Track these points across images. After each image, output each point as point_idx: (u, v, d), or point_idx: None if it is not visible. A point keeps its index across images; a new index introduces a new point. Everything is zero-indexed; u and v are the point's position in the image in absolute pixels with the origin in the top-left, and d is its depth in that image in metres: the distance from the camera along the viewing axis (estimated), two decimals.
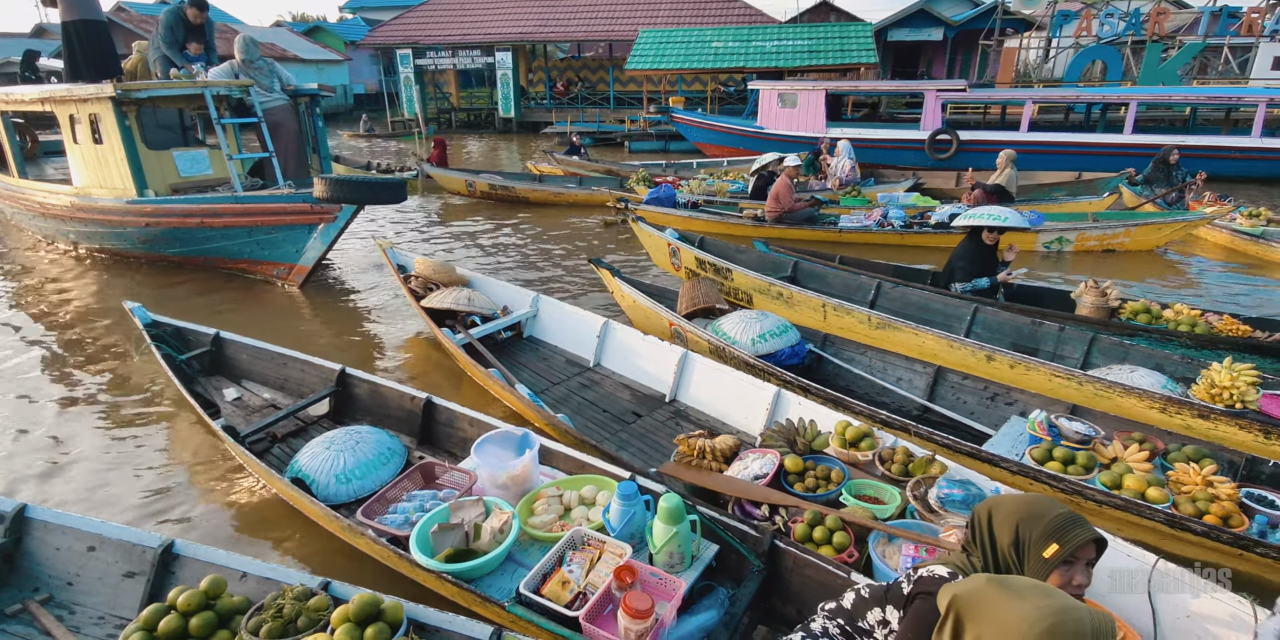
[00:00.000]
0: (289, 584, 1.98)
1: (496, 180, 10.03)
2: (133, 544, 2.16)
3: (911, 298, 4.67)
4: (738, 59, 16.49)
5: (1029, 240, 6.93)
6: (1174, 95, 12.83)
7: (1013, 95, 13.69)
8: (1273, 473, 2.65)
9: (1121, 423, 3.03)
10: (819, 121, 12.98)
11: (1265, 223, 7.00)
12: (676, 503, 2.14)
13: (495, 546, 2.25)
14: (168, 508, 3.04)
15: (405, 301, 5.77)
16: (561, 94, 23.07)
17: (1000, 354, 3.59)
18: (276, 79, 6.72)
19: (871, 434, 2.76)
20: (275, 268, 6.14)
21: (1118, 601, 2.09)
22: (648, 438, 3.30)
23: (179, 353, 3.77)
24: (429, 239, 8.23)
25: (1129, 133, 11.59)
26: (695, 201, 8.12)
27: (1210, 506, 2.36)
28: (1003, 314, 4.25)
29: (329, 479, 2.81)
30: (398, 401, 3.22)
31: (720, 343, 3.73)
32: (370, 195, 5.43)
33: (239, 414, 3.46)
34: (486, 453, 2.61)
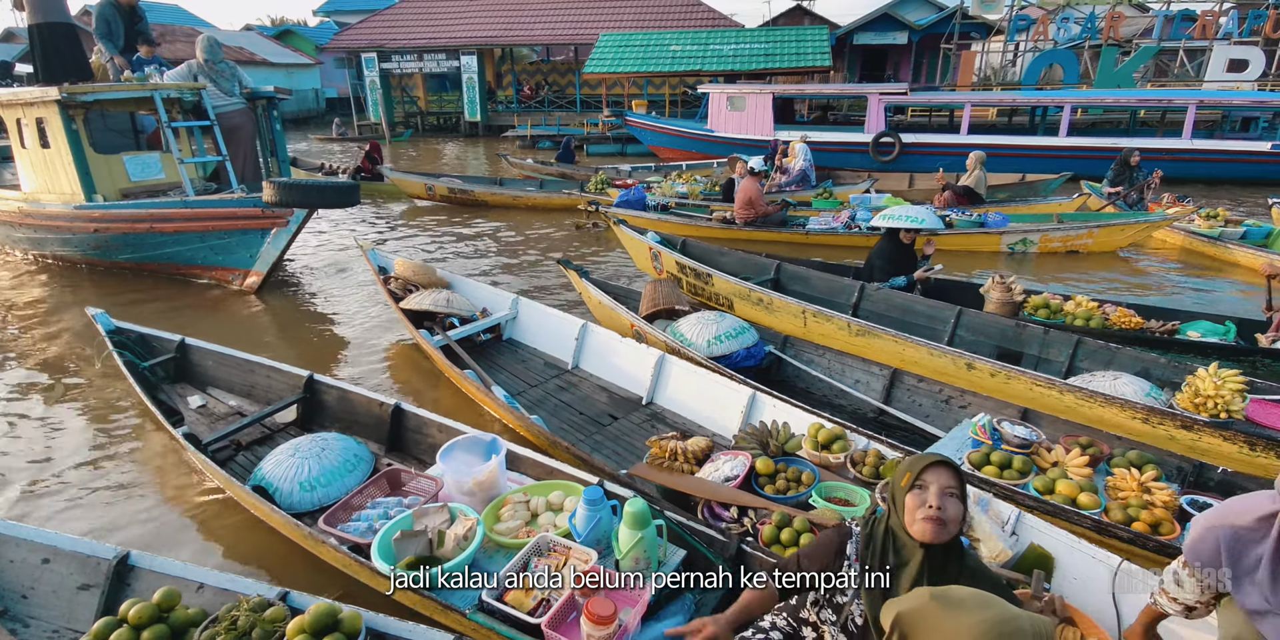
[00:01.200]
0: (246, 595, 1.94)
1: (456, 184, 10.00)
2: (87, 555, 2.11)
3: (895, 301, 4.63)
4: (695, 62, 16.58)
5: (994, 242, 7.01)
6: (1106, 98, 13.19)
7: (950, 98, 13.97)
8: (1221, 479, 2.63)
9: (1073, 427, 3.00)
10: (767, 124, 13.18)
11: (1224, 224, 7.07)
12: (642, 507, 2.12)
13: (458, 554, 2.21)
14: (128, 519, 2.97)
15: (382, 303, 5.73)
16: (529, 97, 23.07)
17: (980, 362, 3.53)
18: (237, 82, 6.65)
19: (844, 436, 2.75)
20: (230, 273, 6.06)
21: (1081, 602, 2.10)
22: (623, 440, 3.29)
23: (142, 360, 3.70)
24: (396, 241, 8.15)
25: (1064, 135, 11.89)
26: (665, 204, 8.14)
27: (1141, 513, 2.33)
28: (986, 317, 4.21)
29: (292, 487, 2.76)
30: (366, 408, 3.18)
31: (676, 344, 3.73)
32: (320, 199, 5.37)
33: (203, 422, 3.40)
34: (453, 459, 2.57)
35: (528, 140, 18.77)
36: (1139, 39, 18.22)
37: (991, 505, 2.33)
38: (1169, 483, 2.63)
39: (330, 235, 8.46)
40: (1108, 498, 2.51)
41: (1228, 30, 16.73)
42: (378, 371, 4.49)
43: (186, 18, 31.10)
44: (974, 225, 7.06)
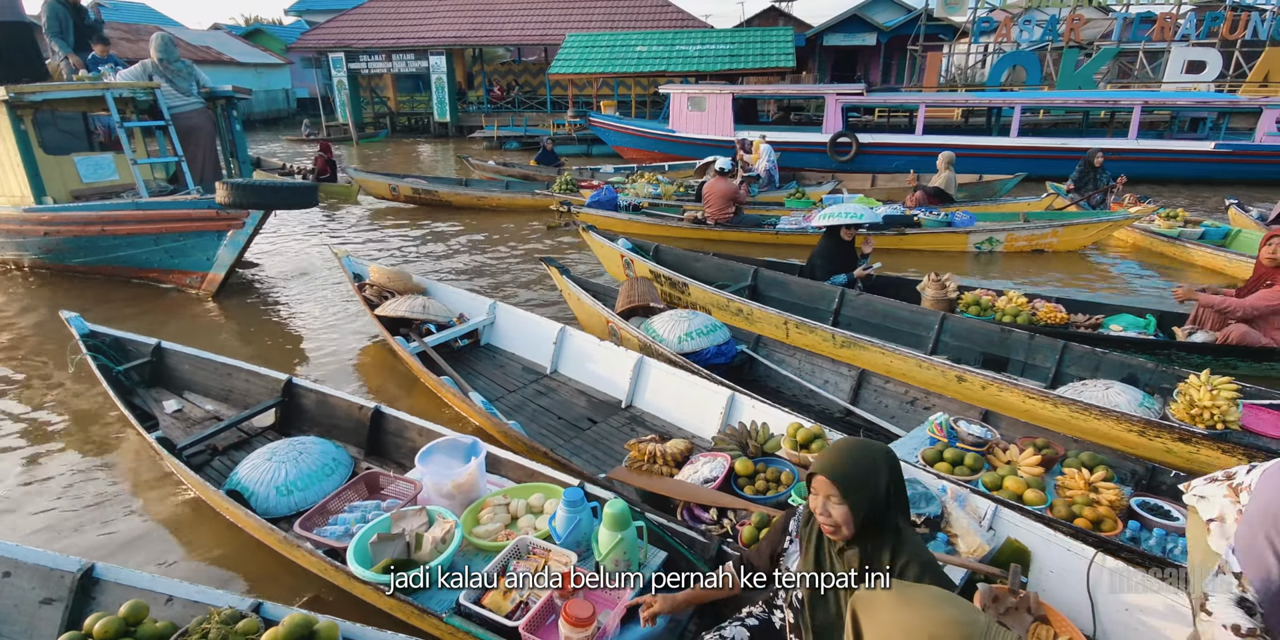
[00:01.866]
0: (218, 606, 1.89)
1: (420, 184, 9.92)
2: (50, 568, 2.03)
3: (877, 306, 4.54)
4: (660, 63, 16.66)
5: (961, 241, 7.08)
6: (1055, 99, 13.47)
7: (906, 99, 14.16)
8: (1173, 483, 2.65)
9: (1032, 429, 3.01)
10: (727, 124, 13.27)
11: (1183, 224, 7.11)
12: (622, 508, 2.11)
13: (436, 556, 2.19)
14: (99, 526, 2.90)
15: (355, 307, 5.67)
16: (499, 98, 22.91)
17: (971, 374, 3.42)
18: (195, 82, 6.50)
19: (822, 435, 2.76)
20: (187, 276, 5.91)
21: (1057, 595, 2.12)
22: (602, 444, 3.27)
23: (117, 364, 3.63)
24: (360, 245, 8.05)
25: (1014, 136, 12.12)
26: (637, 204, 8.12)
27: (1085, 510, 2.35)
28: (970, 322, 4.15)
29: (269, 491, 2.72)
30: (346, 411, 3.13)
31: (648, 340, 3.73)
32: (275, 200, 5.25)
33: (178, 426, 3.34)
34: (432, 461, 2.55)
35: (495, 141, 18.61)
36: (1100, 41, 18.58)
37: (969, 501, 2.34)
38: (1122, 484, 2.66)
39: (299, 238, 8.34)
40: (1056, 496, 2.53)
41: (1185, 32, 17.14)
42: (352, 377, 4.43)
43: (154, 17, 30.45)
44: (941, 224, 7.10)
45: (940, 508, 2.22)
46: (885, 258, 6.80)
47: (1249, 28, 16.58)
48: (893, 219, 7.11)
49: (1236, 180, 11.53)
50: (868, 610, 1.19)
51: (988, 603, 1.98)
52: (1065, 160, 11.35)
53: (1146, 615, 1.99)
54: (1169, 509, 2.44)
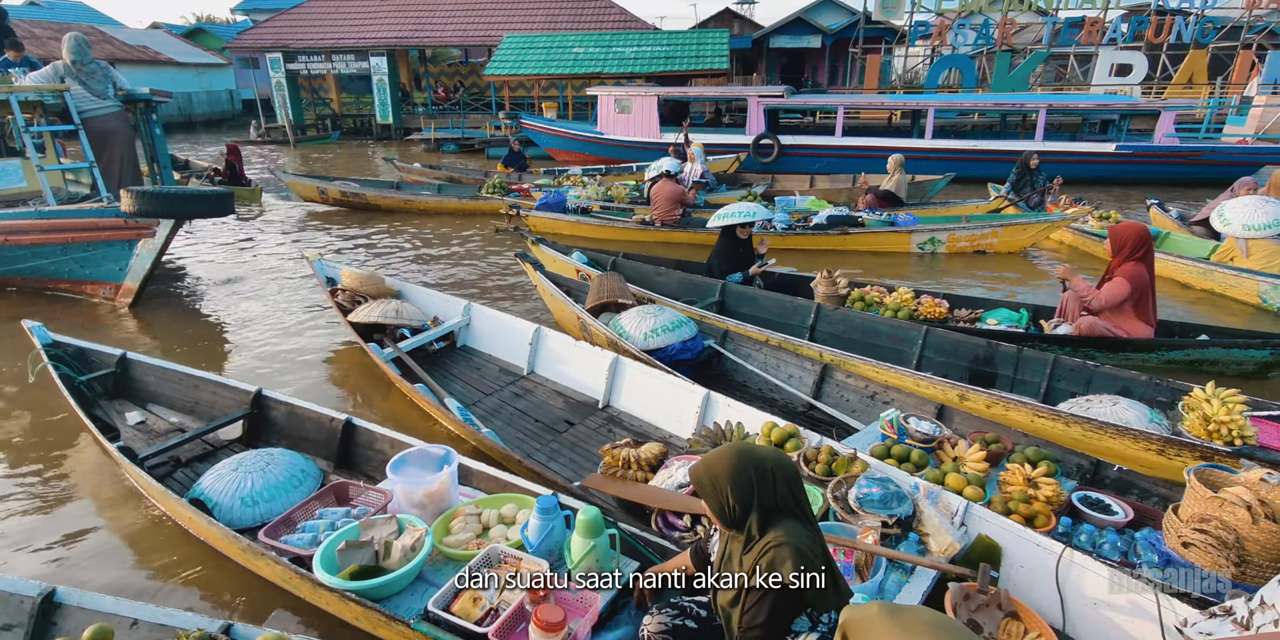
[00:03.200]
0: (186, 630, 1.82)
1: (349, 187, 9.75)
2: (9, 593, 1.94)
3: (855, 321, 4.35)
4: (596, 65, 16.58)
5: (904, 241, 7.12)
6: (965, 102, 13.79)
7: (825, 101, 14.18)
8: (1116, 477, 2.68)
9: (984, 424, 3.00)
10: (653, 126, 13.30)
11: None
12: (594, 516, 2.07)
13: (405, 564, 2.14)
14: (58, 544, 2.79)
15: (320, 308, 5.57)
16: (443, 99, 22.54)
17: (975, 393, 3.23)
18: (111, 84, 6.20)
19: (797, 434, 2.75)
20: (101, 287, 5.64)
21: (1027, 590, 2.13)
22: (579, 447, 3.23)
23: (79, 374, 3.52)
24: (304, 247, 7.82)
25: (928, 138, 12.29)
26: (586, 207, 8.06)
27: (1020, 506, 2.35)
28: (954, 336, 3.95)
29: (233, 501, 2.64)
30: (316, 423, 3.05)
31: (615, 337, 3.70)
32: (183, 208, 5.00)
33: (141, 438, 3.24)
34: (404, 471, 2.49)
35: (432, 143, 18.22)
36: (1032, 45, 19.00)
37: (941, 497, 2.34)
38: (1067, 479, 2.68)
39: (260, 242, 8.15)
40: (998, 491, 2.54)
41: (1113, 36, 17.59)
42: (326, 385, 4.32)
43: (92, 16, 29.28)
44: (884, 225, 7.12)
45: (911, 507, 2.21)
46: (830, 258, 6.86)
47: (1173, 31, 17.07)
48: (836, 219, 7.13)
49: (1137, 180, 11.82)
50: (859, 634, 1.16)
51: (959, 601, 1.98)
52: (978, 162, 11.63)
53: (1114, 611, 2.01)
54: (1109, 503, 2.46)
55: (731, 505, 1.51)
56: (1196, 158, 11.68)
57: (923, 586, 2.05)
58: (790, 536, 1.47)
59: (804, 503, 1.56)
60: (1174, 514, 2.19)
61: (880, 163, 11.76)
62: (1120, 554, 2.22)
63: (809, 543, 1.49)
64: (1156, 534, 2.25)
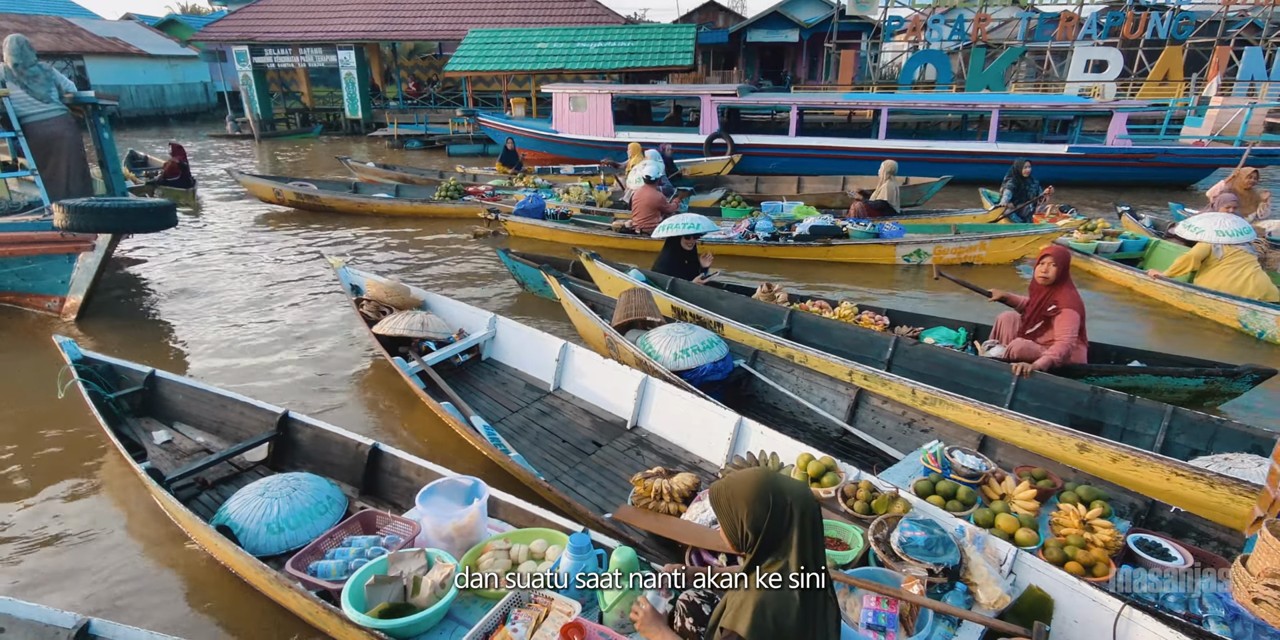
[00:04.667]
0: None
1: (305, 189, 9.53)
2: (45, 625, 1.92)
3: (939, 358, 3.87)
4: (559, 61, 16.19)
5: (889, 253, 6.82)
6: (919, 102, 13.39)
7: (778, 100, 13.75)
8: (1173, 519, 2.49)
9: (1029, 457, 2.80)
10: (607, 125, 12.99)
11: (1100, 237, 6.77)
12: (630, 557, 1.99)
13: (435, 601, 2.07)
14: (85, 567, 2.76)
15: (337, 317, 5.52)
16: (414, 94, 22.04)
17: (1097, 444, 2.85)
18: (55, 87, 5.95)
19: (835, 467, 2.64)
20: (45, 301, 5.45)
21: None
22: (607, 470, 3.14)
23: (108, 391, 3.50)
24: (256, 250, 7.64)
25: (882, 138, 11.91)
26: (565, 212, 7.86)
27: (1078, 553, 2.22)
28: (1055, 381, 3.49)
29: (259, 528, 2.59)
30: (342, 448, 2.99)
31: (643, 356, 3.59)
32: (119, 223, 4.79)
33: (167, 458, 3.21)
34: (432, 502, 2.42)
35: (396, 140, 17.74)
36: (1008, 41, 18.58)
37: (988, 543, 2.22)
38: (1120, 519, 2.53)
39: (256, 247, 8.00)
40: (1050, 533, 2.40)
41: (1088, 31, 17.14)
42: (347, 397, 4.24)
43: (63, 7, 28.24)
44: (869, 236, 6.80)
45: (959, 555, 2.09)
46: (811, 270, 6.67)
47: (1149, 27, 16.63)
48: (819, 230, 6.84)
49: (1090, 182, 11.43)
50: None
51: None
52: (934, 163, 11.19)
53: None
54: (1166, 547, 2.31)
55: (745, 529, 1.47)
56: (1149, 160, 11.30)
57: None
58: (766, 596, 1.41)
59: (820, 545, 1.49)
60: (1243, 566, 2.05)
61: (836, 163, 11.64)
62: (1184, 606, 2.09)
63: (782, 607, 1.41)
64: (1223, 586, 2.12)
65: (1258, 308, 4.76)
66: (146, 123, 24.64)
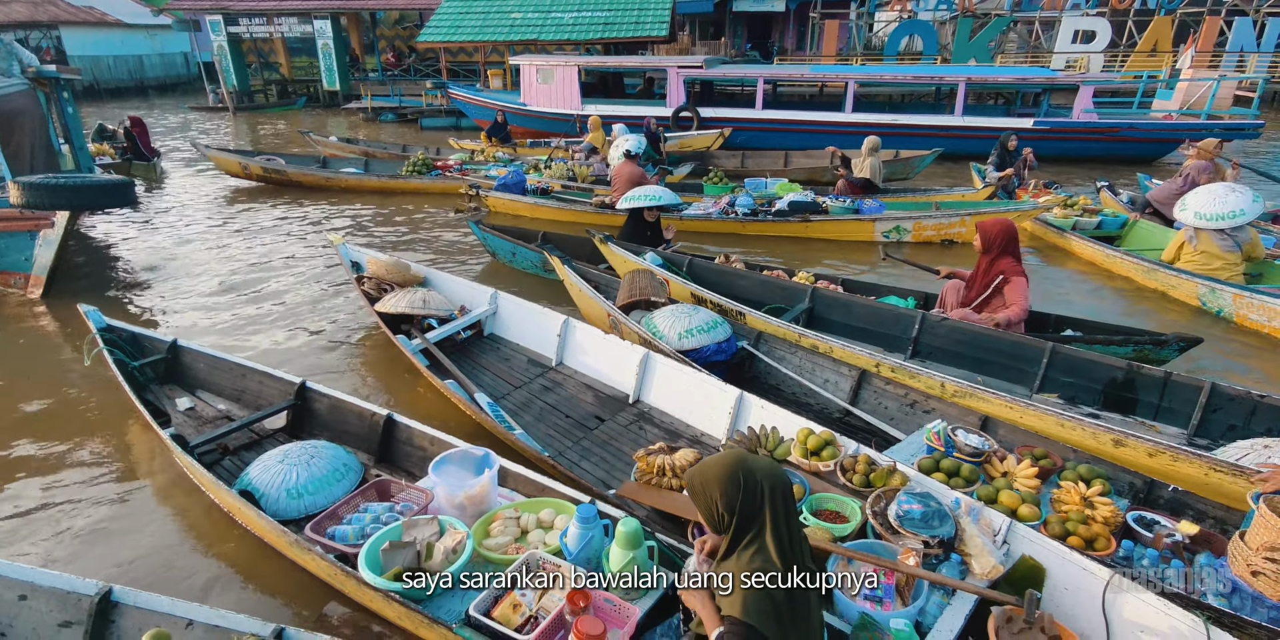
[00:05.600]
0: (239, 632, 1.82)
1: (272, 163, 9.29)
2: (67, 591, 1.94)
3: (964, 334, 3.75)
4: (533, 31, 15.44)
5: (868, 230, 6.61)
6: (885, 75, 12.93)
7: (744, 73, 13.18)
8: (1171, 497, 2.50)
9: (1030, 437, 2.82)
10: (574, 98, 12.59)
11: (1080, 213, 6.47)
12: (635, 528, 2.02)
13: (447, 567, 2.12)
14: (110, 531, 2.85)
15: (334, 295, 5.49)
16: (393, 65, 21.19)
17: (1133, 440, 2.71)
18: (16, 61, 5.81)
19: (834, 442, 2.66)
20: (11, 277, 5.37)
21: (1071, 614, 2.04)
22: (610, 445, 3.17)
23: (133, 359, 3.55)
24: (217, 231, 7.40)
25: (849, 111, 11.48)
26: (546, 188, 7.69)
27: (1079, 528, 2.24)
28: (1086, 355, 3.37)
29: (279, 493, 2.66)
30: (358, 417, 3.04)
31: (648, 337, 3.58)
32: (76, 200, 4.68)
33: (190, 424, 3.27)
34: (445, 472, 2.47)
35: (369, 113, 17.22)
36: (995, 11, 17.85)
37: (983, 514, 2.24)
38: (1119, 498, 2.54)
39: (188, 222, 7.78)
40: (1051, 510, 2.42)
41: (1076, 1, 16.34)
42: (351, 376, 4.23)
43: None
44: (848, 212, 6.57)
45: (954, 526, 2.12)
46: (790, 247, 6.51)
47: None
48: (798, 205, 6.65)
49: (1058, 157, 10.96)
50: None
51: (1001, 625, 1.91)
52: (900, 138, 10.73)
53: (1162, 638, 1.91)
54: (1164, 524, 2.33)
55: (720, 511, 1.50)
56: (1114, 134, 10.90)
57: (965, 609, 1.97)
58: (759, 572, 1.44)
59: (793, 521, 1.52)
60: (1241, 540, 2.06)
61: (804, 137, 11.28)
62: (1184, 579, 2.11)
63: (772, 581, 1.44)
64: (1221, 560, 2.13)
65: (1216, 286, 4.69)
66: (126, 94, 23.88)
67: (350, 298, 5.37)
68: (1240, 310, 4.53)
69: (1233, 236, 4.78)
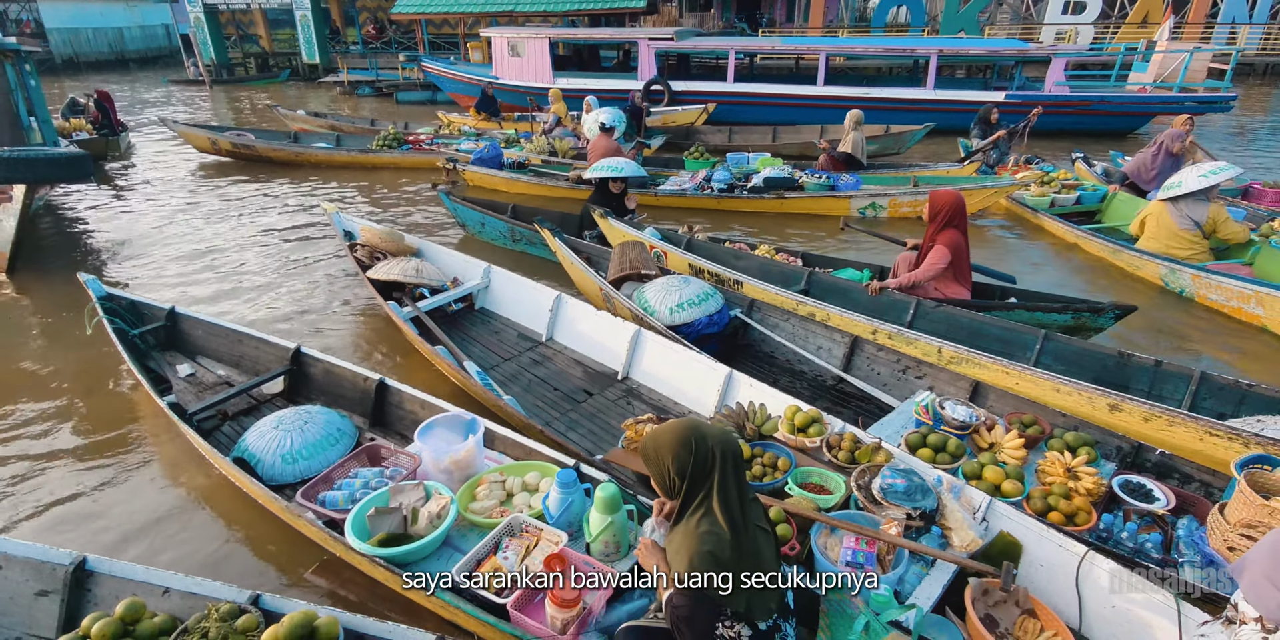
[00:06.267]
0: (216, 599, 1.82)
1: (242, 138, 9.08)
2: (41, 562, 1.93)
3: (959, 319, 3.69)
4: (508, 3, 14.94)
5: (843, 206, 6.44)
6: (856, 47, 12.51)
7: (715, 45, 12.64)
8: (1158, 461, 2.49)
9: (1021, 404, 2.77)
10: (545, 71, 12.26)
11: (1058, 190, 6.20)
12: (613, 492, 2.02)
13: (431, 531, 2.13)
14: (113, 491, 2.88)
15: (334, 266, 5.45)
16: (374, 38, 20.65)
17: (1129, 403, 2.72)
18: None
19: (820, 419, 2.64)
20: None
21: (1045, 589, 2.04)
22: (598, 418, 3.17)
23: (132, 327, 3.56)
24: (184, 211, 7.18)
25: (821, 84, 11.14)
26: (522, 162, 7.54)
27: (1060, 503, 2.22)
28: (1081, 344, 3.39)
29: (275, 459, 2.67)
30: (351, 382, 3.05)
31: (639, 312, 3.55)
32: (29, 174, 4.58)
33: (191, 391, 3.29)
34: (432, 436, 2.48)
35: (346, 86, 16.60)
36: None
37: (964, 492, 2.24)
38: (1106, 462, 2.52)
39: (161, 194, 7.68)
40: (1037, 481, 2.40)
41: None
42: (342, 344, 4.22)
43: None
44: (824, 188, 6.39)
45: (936, 501, 2.11)
46: (766, 222, 6.39)
47: None
48: (773, 181, 6.47)
49: (1031, 131, 10.56)
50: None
51: (978, 596, 1.91)
52: (871, 111, 9.99)
53: (1132, 613, 1.90)
54: (1150, 488, 2.31)
55: (671, 476, 1.50)
56: (1086, 107, 10.58)
57: (943, 579, 1.97)
58: (700, 538, 1.45)
59: (742, 485, 1.54)
60: (1220, 514, 2.04)
61: (776, 111, 11.04)
62: (1162, 550, 2.10)
63: (715, 546, 1.45)
64: (1201, 531, 2.12)
65: (1176, 266, 4.60)
66: (106, 67, 23.37)
67: (332, 274, 5.28)
68: (1200, 290, 4.46)
69: (1190, 216, 4.64)
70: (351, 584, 2.36)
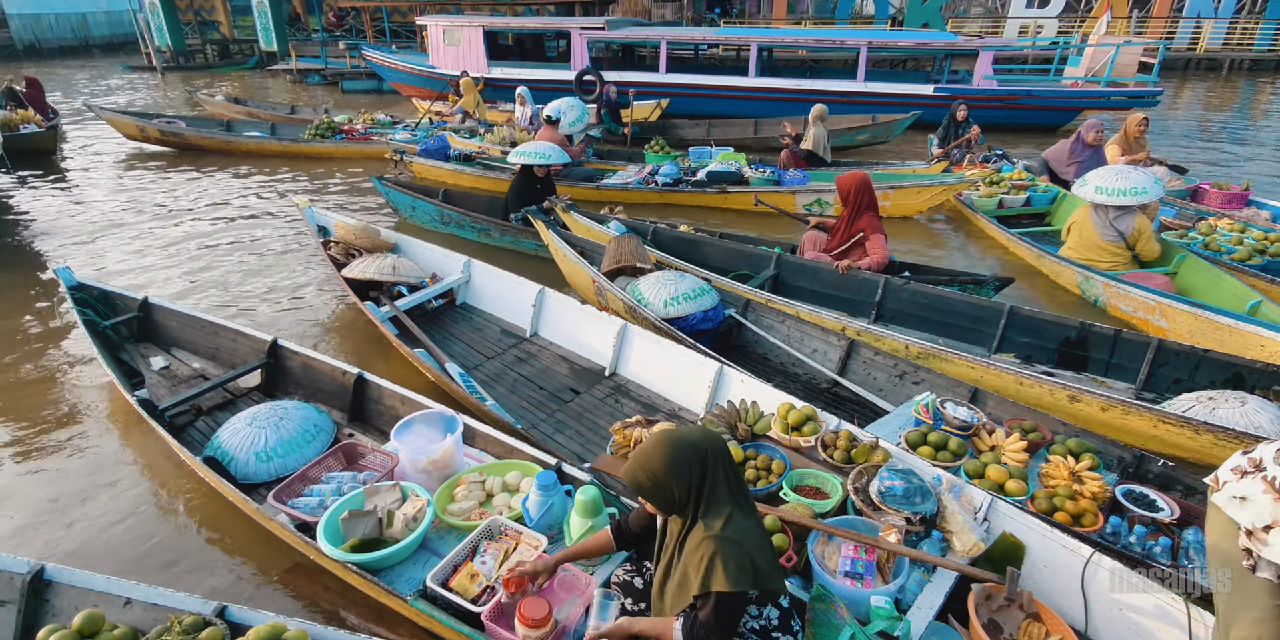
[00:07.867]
0: (179, 611, 1.67)
1: (171, 126, 8.60)
2: None
3: (927, 297, 3.75)
4: None
5: (788, 202, 6.13)
6: (787, 38, 12.20)
7: (647, 34, 12.14)
8: (1160, 472, 2.37)
9: (1020, 409, 2.66)
10: (480, 60, 11.91)
11: (1007, 191, 5.83)
12: (594, 496, 1.88)
13: (407, 535, 1.98)
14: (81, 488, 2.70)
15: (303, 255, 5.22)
16: (334, 25, 20.00)
17: (1088, 395, 2.74)
18: None
19: (815, 417, 2.49)
20: None
21: (1049, 591, 1.91)
22: (585, 418, 2.99)
23: (104, 318, 3.36)
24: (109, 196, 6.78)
25: (753, 76, 10.82)
26: (469, 154, 7.25)
27: (1066, 503, 2.12)
28: (1044, 316, 3.45)
29: (249, 457, 2.51)
30: (329, 376, 2.87)
31: (633, 303, 3.38)
32: None
33: (165, 384, 3.09)
34: (410, 434, 2.31)
35: (296, 75, 15.87)
36: None
37: (964, 492, 2.10)
38: (1108, 472, 2.41)
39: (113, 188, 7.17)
40: (1039, 484, 2.29)
41: None
42: (319, 345, 3.91)
43: None
44: (768, 183, 6.05)
45: (936, 504, 1.97)
46: (711, 217, 6.16)
47: None
48: (716, 176, 6.25)
49: None
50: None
51: (980, 601, 1.78)
52: (801, 103, 9.48)
53: (1140, 616, 1.78)
54: (1154, 498, 2.19)
55: (678, 494, 1.41)
56: (1013, 101, 10.30)
57: (945, 586, 1.83)
58: (731, 531, 1.37)
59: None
60: None
61: (709, 102, 10.76)
62: (1171, 556, 1.98)
63: (747, 536, 1.39)
64: None
65: (1090, 275, 4.32)
66: (69, 54, 22.53)
67: (299, 269, 5.00)
68: (1111, 300, 4.19)
69: (1115, 226, 4.33)
70: (324, 589, 2.20)
